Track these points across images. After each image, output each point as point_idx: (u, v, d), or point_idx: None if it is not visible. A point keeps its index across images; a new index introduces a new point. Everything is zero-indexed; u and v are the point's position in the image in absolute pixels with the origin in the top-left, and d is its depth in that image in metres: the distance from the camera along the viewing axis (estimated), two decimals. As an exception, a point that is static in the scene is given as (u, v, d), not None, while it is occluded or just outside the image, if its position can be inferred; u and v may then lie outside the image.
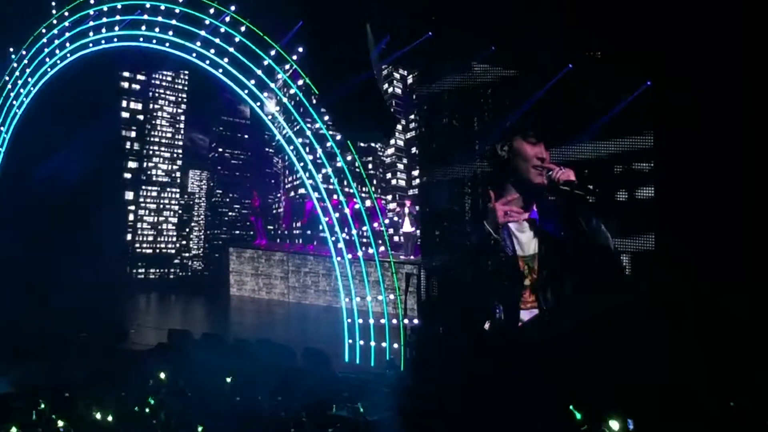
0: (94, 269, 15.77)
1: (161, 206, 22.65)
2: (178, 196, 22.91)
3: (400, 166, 20.38)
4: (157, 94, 22.49)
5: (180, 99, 22.86)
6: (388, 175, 20.08)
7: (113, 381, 10.30)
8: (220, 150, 23.47)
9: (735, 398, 7.18)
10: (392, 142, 20.33)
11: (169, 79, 22.62)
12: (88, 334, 13.28)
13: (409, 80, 19.43)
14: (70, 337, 13.07)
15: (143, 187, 22.22)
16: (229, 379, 10.47)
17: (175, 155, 22.83)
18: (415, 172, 20.38)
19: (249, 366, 11.66)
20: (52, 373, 10.88)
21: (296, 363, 12.08)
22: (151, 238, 22.25)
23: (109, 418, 8.67)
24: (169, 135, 22.71)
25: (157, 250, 22.38)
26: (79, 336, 13.17)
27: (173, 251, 22.61)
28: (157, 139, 22.52)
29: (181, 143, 22.94)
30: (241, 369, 11.30)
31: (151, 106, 22.39)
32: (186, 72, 22.55)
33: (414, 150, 20.12)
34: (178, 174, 22.92)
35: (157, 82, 22.48)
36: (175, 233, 22.81)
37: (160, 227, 22.56)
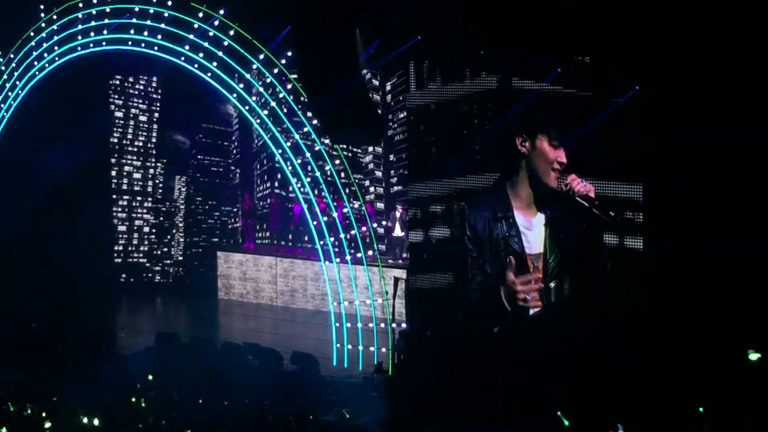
0: (80, 272, 15.71)
1: (136, 214, 22.46)
2: (149, 204, 22.66)
3: (378, 174, 20.41)
4: (130, 103, 22.28)
5: (153, 107, 22.66)
6: (366, 183, 20.11)
7: (101, 384, 10.28)
8: (200, 157, 23.35)
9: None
10: (370, 149, 20.37)
11: (141, 86, 22.41)
12: (75, 337, 13.23)
13: (387, 87, 19.46)
14: (58, 340, 13.02)
15: (114, 196, 21.93)
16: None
17: (148, 163, 22.64)
18: (394, 180, 20.48)
19: (237, 370, 11.66)
20: (38, 376, 10.85)
21: (284, 367, 12.08)
22: (122, 245, 21.99)
23: (97, 422, 8.65)
24: (140, 143, 22.49)
25: (136, 257, 22.21)
26: (67, 339, 13.12)
27: (146, 259, 22.38)
28: (129, 147, 22.30)
29: (154, 151, 22.73)
30: (229, 373, 11.31)
31: (122, 113, 22.14)
32: (158, 78, 22.37)
33: (392, 157, 20.20)
34: (150, 182, 22.70)
35: (130, 90, 22.26)
36: (155, 239, 22.63)
37: (140, 233, 22.40)
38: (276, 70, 13.33)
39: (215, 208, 23.20)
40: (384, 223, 18.69)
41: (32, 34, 15.02)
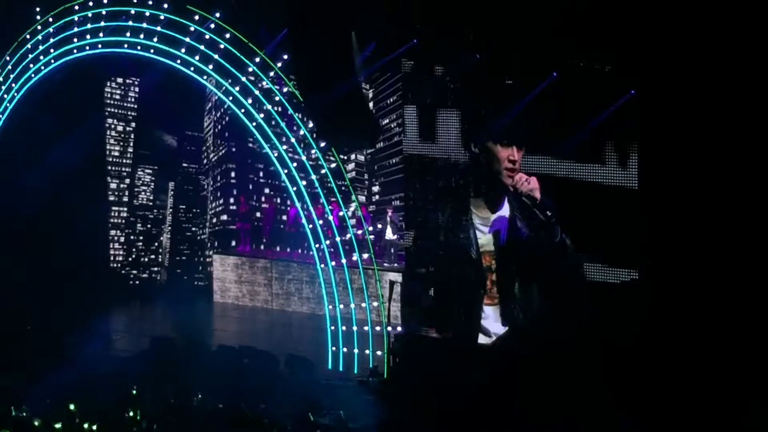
0: (73, 277, 15.68)
1: (124, 220, 22.32)
2: (125, 214, 22.43)
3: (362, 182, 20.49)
4: (107, 112, 22.04)
5: (130, 116, 22.45)
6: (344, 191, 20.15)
7: (96, 388, 10.26)
8: (185, 165, 23.27)
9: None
10: (353, 156, 20.44)
11: (118, 96, 22.21)
12: (69, 340, 13.21)
13: (370, 95, 19.47)
14: (53, 344, 13.00)
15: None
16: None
17: (123, 173, 22.43)
18: (375, 188, 20.54)
19: (232, 373, 11.65)
20: (34, 379, 10.82)
21: (280, 370, 12.08)
22: (111, 252, 21.79)
23: (93, 426, 8.64)
24: (117, 153, 22.28)
25: (124, 264, 22.08)
26: (61, 342, 13.10)
27: (134, 266, 22.25)
28: (111, 157, 22.10)
29: (130, 160, 22.53)
30: (224, 376, 11.30)
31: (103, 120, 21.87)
32: (136, 86, 22.22)
33: (375, 166, 20.27)
34: (126, 190, 22.48)
35: (108, 101, 22.02)
36: (142, 246, 22.51)
37: (127, 240, 22.26)
38: (272, 74, 13.33)
39: (199, 215, 23.14)
40: (379, 226, 18.67)
41: (28, 36, 15.00)
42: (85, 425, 8.62)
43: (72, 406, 9.10)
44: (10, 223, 14.37)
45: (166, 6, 13.53)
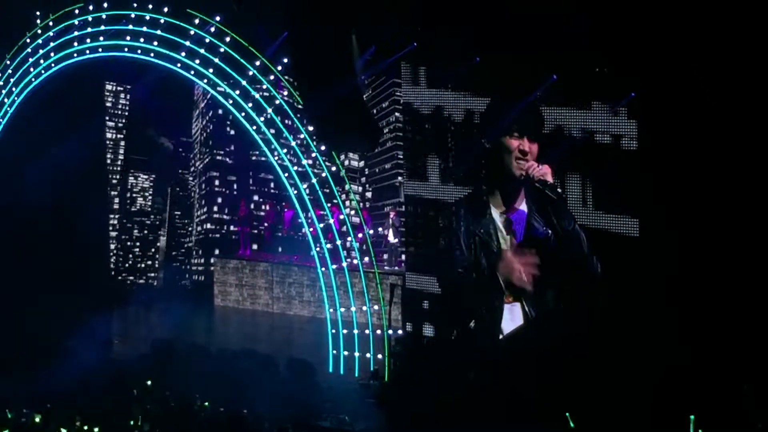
0: (72, 282, 15.64)
1: (122, 226, 22.28)
2: (115, 221, 22.34)
3: (355, 187, 20.49)
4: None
5: (120, 124, 22.38)
6: (343, 196, 20.19)
7: (97, 391, 10.25)
8: (180, 171, 23.28)
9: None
10: (346, 163, 20.47)
11: (109, 103, 22.11)
12: (70, 345, 13.20)
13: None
14: (53, 347, 12.99)
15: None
16: (207, 403, 10.43)
17: (114, 180, 22.31)
18: (369, 194, 20.57)
19: (233, 376, 11.65)
20: (35, 383, 10.81)
21: (280, 374, 12.07)
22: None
23: (94, 428, 8.64)
24: (109, 160, 22.17)
25: (122, 270, 22.08)
26: (63, 346, 13.08)
27: (131, 272, 22.25)
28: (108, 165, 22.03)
29: (120, 168, 22.47)
30: (225, 380, 11.30)
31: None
32: (127, 93, 22.18)
33: (366, 171, 20.31)
34: (117, 199, 22.40)
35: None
36: (139, 252, 22.51)
37: (124, 246, 22.25)
38: (272, 77, 13.33)
39: (190, 223, 23.19)
40: (380, 229, 18.68)
41: (28, 40, 14.99)
42: (86, 428, 8.63)
43: (73, 410, 9.12)
44: (11, 226, 14.34)
45: (166, 10, 13.52)
